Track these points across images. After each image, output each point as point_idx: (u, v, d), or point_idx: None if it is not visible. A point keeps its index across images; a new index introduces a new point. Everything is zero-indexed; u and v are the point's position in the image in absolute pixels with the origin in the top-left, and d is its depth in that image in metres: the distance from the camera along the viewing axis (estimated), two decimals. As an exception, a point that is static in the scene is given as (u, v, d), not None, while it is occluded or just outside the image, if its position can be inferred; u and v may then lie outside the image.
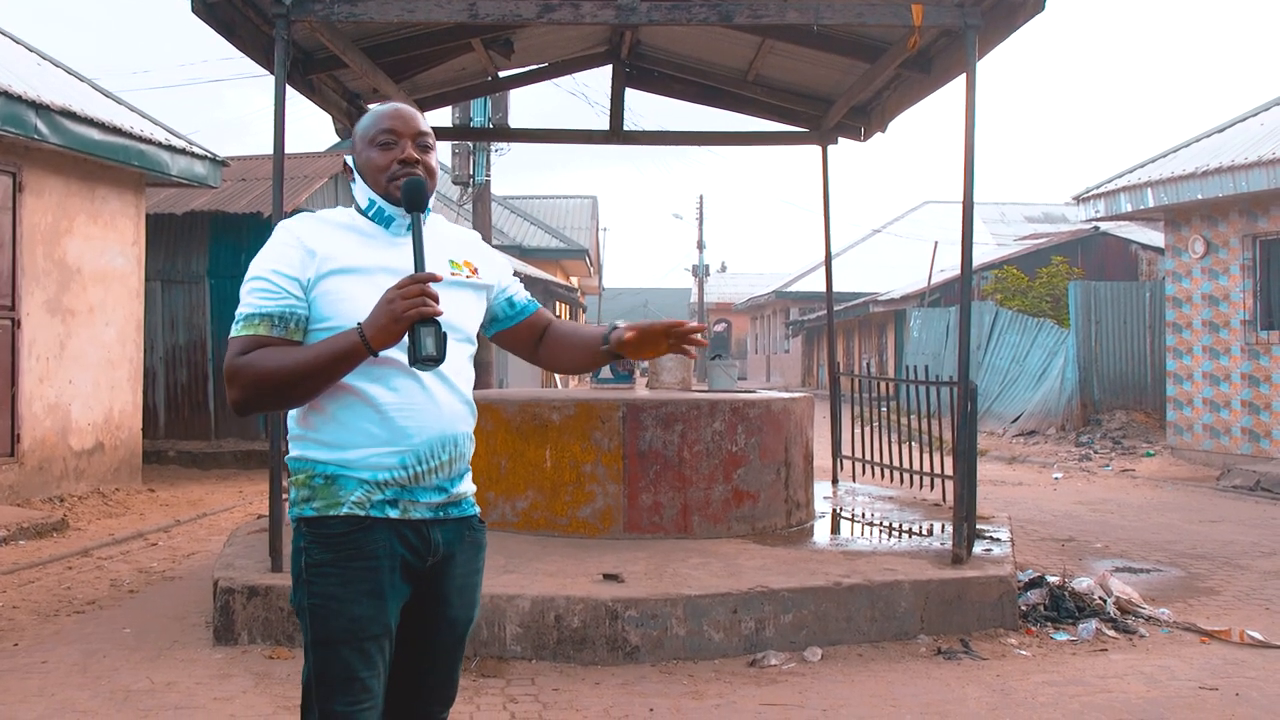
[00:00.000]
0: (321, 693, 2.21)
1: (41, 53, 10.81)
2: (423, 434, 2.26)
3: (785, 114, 9.20)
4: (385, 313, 2.10)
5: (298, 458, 2.29)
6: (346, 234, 2.31)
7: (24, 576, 6.64)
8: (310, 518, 2.25)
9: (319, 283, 2.23)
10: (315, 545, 2.23)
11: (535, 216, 34.71)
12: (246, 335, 2.20)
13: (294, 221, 2.32)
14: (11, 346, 9.07)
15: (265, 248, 2.29)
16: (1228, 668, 4.87)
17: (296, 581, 2.27)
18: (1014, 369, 18.56)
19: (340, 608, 2.20)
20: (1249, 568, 7.22)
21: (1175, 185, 13.00)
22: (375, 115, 2.39)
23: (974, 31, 5.86)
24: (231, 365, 2.19)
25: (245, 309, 2.23)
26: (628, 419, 6.22)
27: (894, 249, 37.47)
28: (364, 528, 2.23)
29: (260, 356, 2.17)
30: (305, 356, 2.16)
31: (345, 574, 2.21)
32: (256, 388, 2.18)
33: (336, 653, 2.20)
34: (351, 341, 2.12)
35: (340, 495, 2.23)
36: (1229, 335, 13.12)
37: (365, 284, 2.23)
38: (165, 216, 12.61)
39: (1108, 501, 10.60)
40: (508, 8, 5.93)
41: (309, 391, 2.19)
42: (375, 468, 2.23)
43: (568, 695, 4.43)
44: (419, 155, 2.35)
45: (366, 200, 2.35)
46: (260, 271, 2.24)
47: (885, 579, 5.27)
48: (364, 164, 2.36)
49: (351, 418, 2.23)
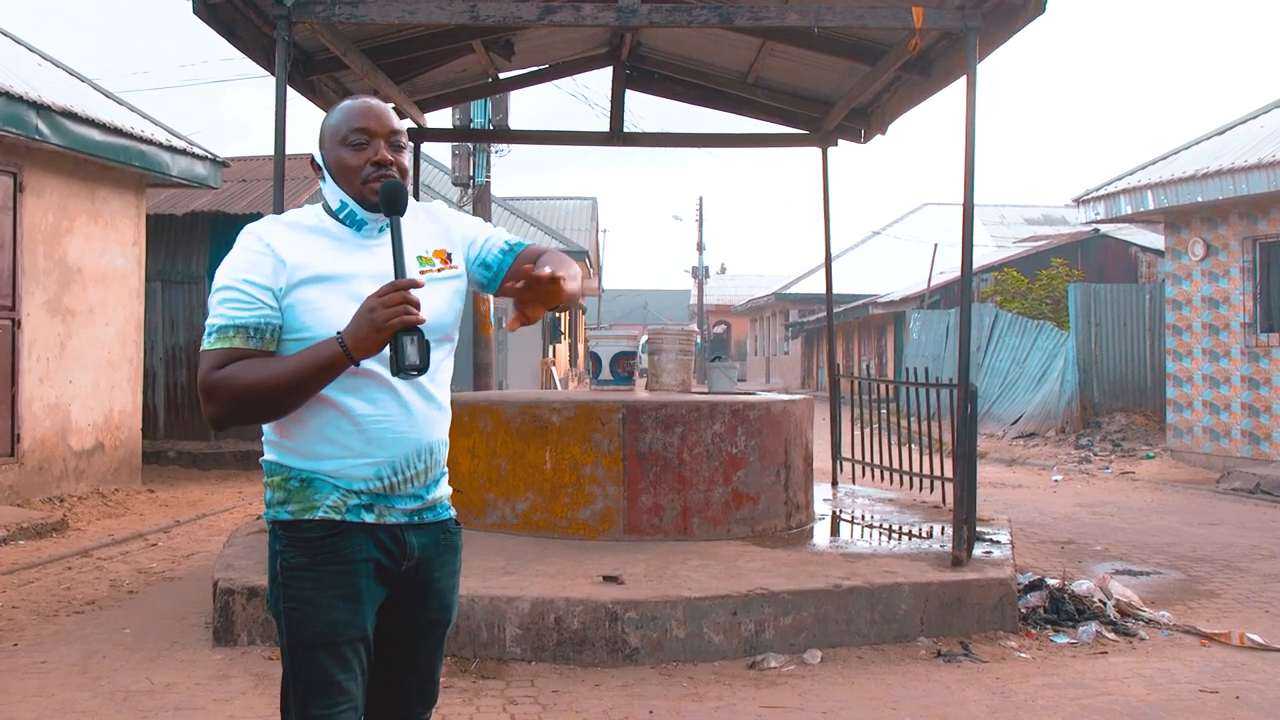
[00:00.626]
0: (299, 696, 2.19)
1: (42, 53, 10.81)
2: (399, 445, 2.24)
3: (785, 116, 9.20)
4: (366, 322, 2.04)
5: (272, 461, 2.26)
6: (316, 238, 2.24)
7: (24, 577, 6.64)
8: (285, 521, 2.22)
9: (291, 292, 2.16)
10: (290, 549, 2.21)
11: (535, 218, 34.69)
12: (221, 348, 2.13)
13: (260, 227, 2.25)
14: (12, 347, 9.07)
15: (232, 255, 2.21)
16: (1228, 671, 4.87)
17: (272, 584, 2.25)
18: (1014, 371, 18.56)
19: (316, 612, 2.18)
20: (1249, 570, 7.22)
21: (1175, 188, 13.01)
22: (345, 112, 2.29)
23: (974, 34, 5.86)
24: (207, 380, 2.12)
25: (218, 320, 2.15)
26: (627, 421, 6.22)
27: (894, 251, 37.46)
28: (340, 532, 2.20)
29: (238, 370, 2.10)
30: (286, 369, 2.10)
31: (320, 578, 2.19)
32: (236, 403, 2.11)
33: (313, 657, 2.18)
34: (332, 352, 2.07)
35: (315, 499, 2.21)
36: (1229, 338, 13.12)
37: (339, 292, 2.17)
38: (166, 217, 12.62)
39: (1107, 504, 10.60)
40: (508, 9, 5.94)
41: (290, 405, 2.14)
42: (351, 478, 2.21)
43: (567, 697, 4.43)
44: (392, 155, 2.26)
45: (338, 202, 2.27)
46: (230, 281, 2.16)
47: (885, 581, 5.27)
48: (334, 163, 2.27)
49: (327, 428, 2.19)
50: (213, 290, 2.20)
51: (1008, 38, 6.12)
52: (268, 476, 2.27)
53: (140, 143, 10.07)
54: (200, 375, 2.14)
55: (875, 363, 30.21)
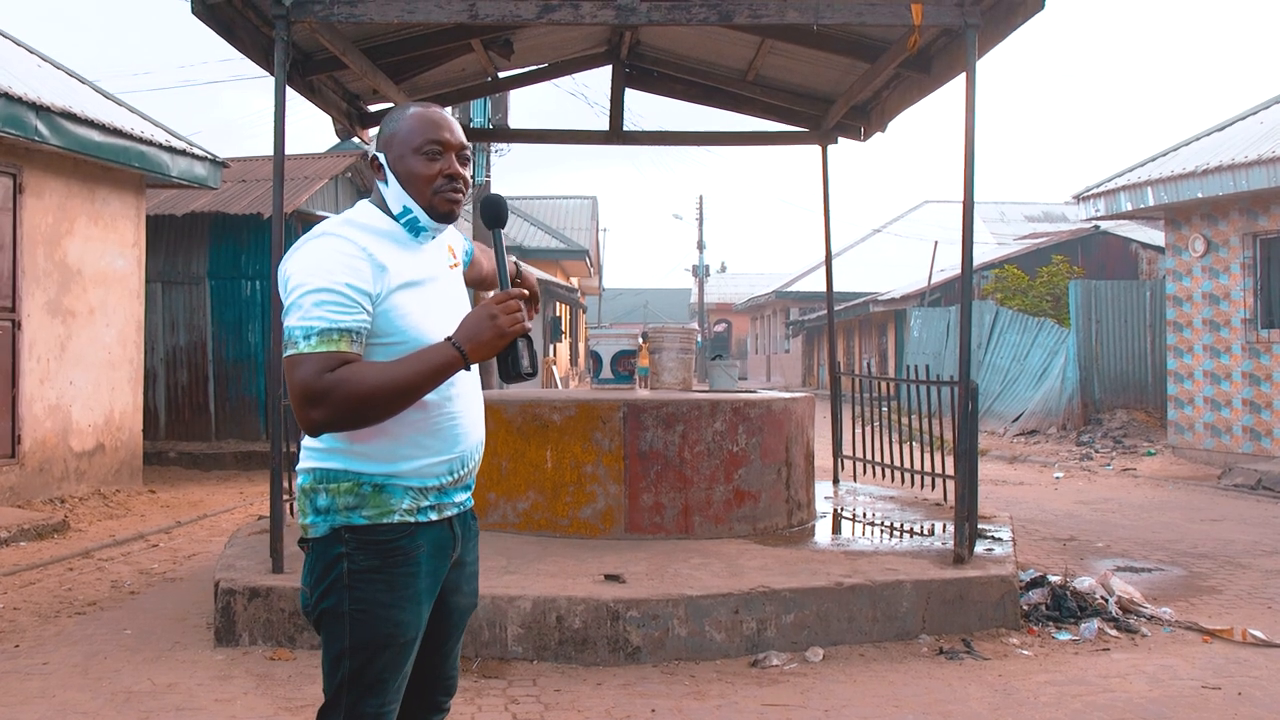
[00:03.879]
0: (355, 694, 2.23)
1: (42, 54, 10.81)
2: (467, 440, 2.34)
3: (785, 114, 9.20)
4: (489, 328, 2.12)
5: (335, 470, 2.25)
6: (392, 243, 2.27)
7: (25, 578, 6.64)
8: (359, 525, 2.23)
9: (388, 297, 2.19)
10: (361, 552, 2.23)
11: (535, 217, 34.73)
12: (327, 351, 2.09)
13: (347, 230, 2.23)
14: (12, 348, 9.07)
15: (324, 257, 2.16)
16: (1230, 667, 4.87)
17: (331, 588, 2.23)
18: (1014, 368, 18.56)
19: (385, 614, 2.23)
20: (1251, 566, 7.22)
21: (1175, 184, 13.00)
22: (420, 121, 2.31)
23: (974, 31, 5.85)
24: (319, 384, 2.07)
25: (318, 323, 2.09)
26: (629, 419, 6.21)
27: (894, 249, 37.49)
28: (410, 534, 2.26)
29: (354, 373, 2.09)
30: (404, 372, 2.11)
31: (392, 580, 2.24)
32: (354, 407, 2.09)
33: (376, 656, 2.23)
34: (449, 356, 2.13)
35: (392, 503, 2.24)
36: (1229, 334, 13.11)
37: (421, 297, 2.26)
38: (165, 218, 12.62)
39: (1109, 500, 10.60)
40: (507, 8, 5.93)
41: (403, 408, 2.15)
42: (426, 476, 2.28)
43: (569, 696, 4.42)
44: (461, 169, 2.32)
45: (400, 207, 2.30)
46: (329, 284, 2.12)
47: (887, 579, 5.27)
48: (404, 171, 2.29)
49: (403, 430, 2.23)
50: (297, 290, 2.14)
51: (1007, 34, 6.11)
52: (329, 483, 2.24)
53: (140, 143, 10.06)
54: (305, 379, 2.07)
55: (876, 360, 30.21)
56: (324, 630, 2.26)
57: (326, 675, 2.27)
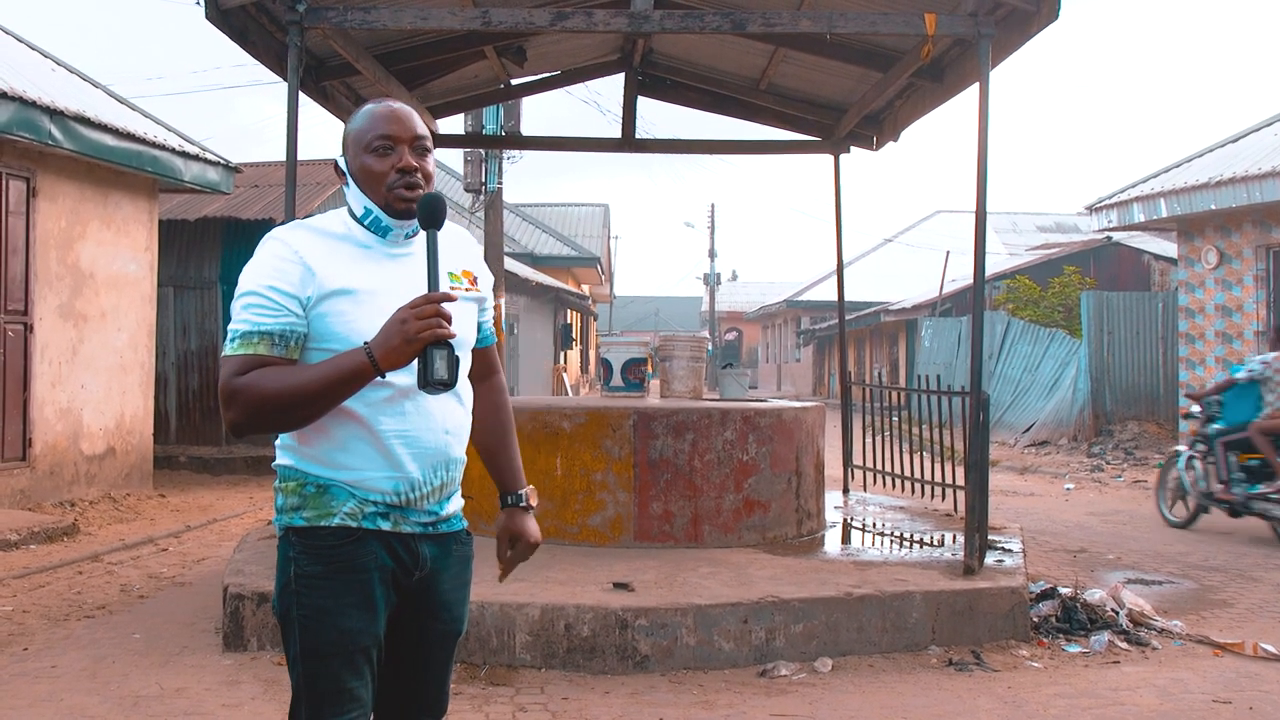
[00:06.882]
0: (311, 704, 2.18)
1: (55, 58, 10.87)
2: (419, 461, 2.22)
3: (797, 123, 9.20)
4: (398, 333, 2.01)
5: (287, 466, 2.23)
6: (343, 246, 2.21)
7: (34, 581, 6.65)
8: (300, 527, 2.19)
9: (320, 302, 2.14)
10: (305, 556, 2.18)
11: (547, 224, 34.74)
12: (245, 354, 2.10)
13: (288, 233, 2.20)
14: (24, 351, 9.10)
15: (258, 260, 2.17)
16: (1241, 681, 4.84)
17: (283, 592, 2.21)
18: (1026, 379, 18.51)
19: (331, 620, 2.16)
20: (1262, 580, 7.18)
21: (1188, 195, 12.96)
22: (369, 117, 2.25)
23: (987, 41, 5.84)
24: (229, 386, 2.08)
25: (242, 325, 2.11)
26: (639, 427, 6.20)
27: (906, 258, 37.40)
28: (355, 539, 2.18)
29: (261, 377, 2.07)
30: (310, 378, 2.07)
31: (335, 585, 2.17)
32: (257, 410, 2.07)
33: (326, 664, 2.17)
34: (359, 362, 2.04)
35: (333, 506, 2.18)
36: (1242, 346, 13.05)
37: (366, 303, 2.15)
38: (178, 222, 12.67)
39: (1120, 513, 10.55)
40: (521, 16, 5.94)
41: (312, 414, 2.11)
42: (369, 489, 2.19)
43: (577, 704, 4.41)
44: (417, 161, 2.23)
45: (362, 209, 2.24)
46: (256, 287, 2.12)
47: (896, 589, 5.25)
48: (359, 170, 2.24)
49: (348, 437, 2.17)
50: (237, 295, 2.16)
51: (1021, 44, 6.08)
52: (280, 482, 2.24)
53: (153, 148, 10.10)
54: (221, 380, 2.10)
55: (887, 370, 30.15)
56: (282, 635, 2.25)
57: (292, 682, 2.24)
